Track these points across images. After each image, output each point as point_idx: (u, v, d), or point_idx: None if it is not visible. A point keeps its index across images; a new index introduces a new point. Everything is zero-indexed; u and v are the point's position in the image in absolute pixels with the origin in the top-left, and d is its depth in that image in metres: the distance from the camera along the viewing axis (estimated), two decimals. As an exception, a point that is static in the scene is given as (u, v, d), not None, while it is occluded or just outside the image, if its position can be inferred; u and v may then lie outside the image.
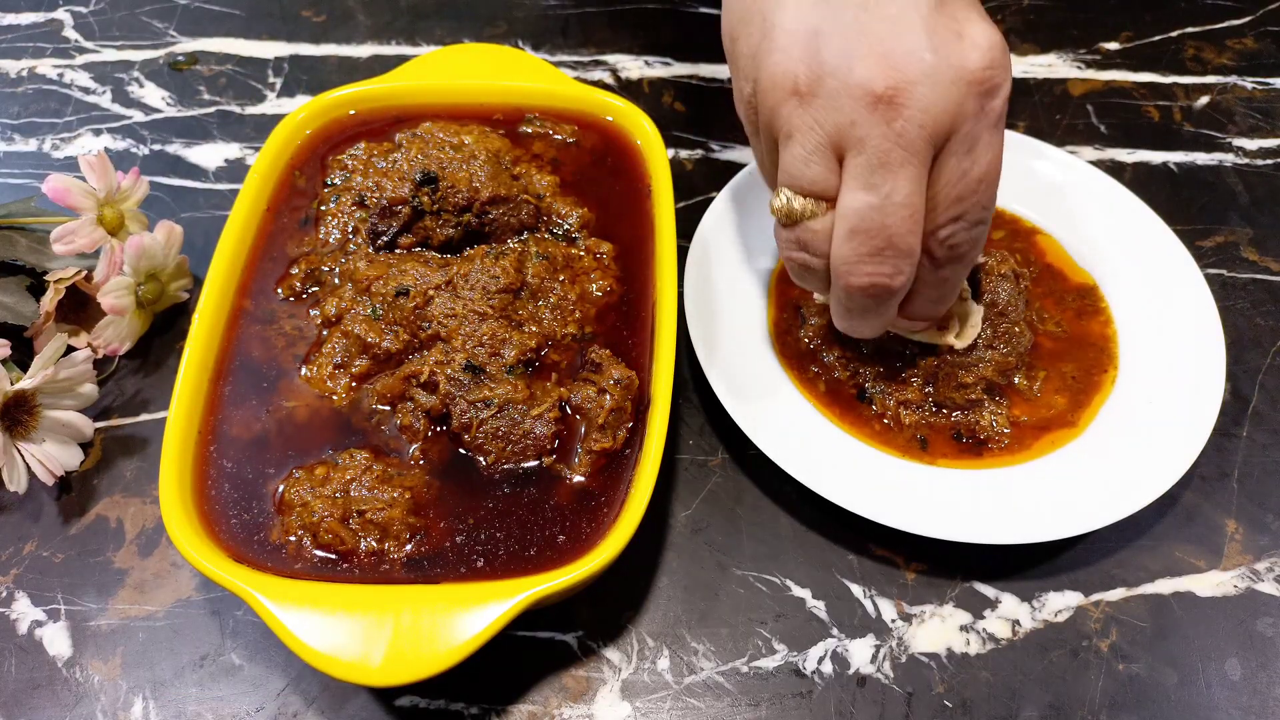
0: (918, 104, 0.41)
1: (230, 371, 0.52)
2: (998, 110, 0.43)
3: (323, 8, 0.81)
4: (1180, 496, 0.54)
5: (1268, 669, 0.49)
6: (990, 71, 0.42)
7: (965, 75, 0.42)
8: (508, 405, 0.49)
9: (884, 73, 0.42)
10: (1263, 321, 0.62)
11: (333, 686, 0.48)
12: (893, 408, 0.54)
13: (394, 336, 0.52)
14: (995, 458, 0.53)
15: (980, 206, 0.44)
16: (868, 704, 0.48)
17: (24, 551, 0.53)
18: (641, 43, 0.78)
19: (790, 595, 0.51)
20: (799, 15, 0.44)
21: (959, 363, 0.53)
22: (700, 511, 0.54)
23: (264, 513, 0.48)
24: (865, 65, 0.42)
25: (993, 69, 0.42)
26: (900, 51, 0.42)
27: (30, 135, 0.72)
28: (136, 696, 0.48)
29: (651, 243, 0.56)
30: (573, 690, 0.48)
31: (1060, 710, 0.48)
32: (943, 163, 0.43)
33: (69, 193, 0.56)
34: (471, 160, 0.56)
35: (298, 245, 0.57)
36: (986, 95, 0.42)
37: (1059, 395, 0.55)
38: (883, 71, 0.42)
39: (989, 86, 0.42)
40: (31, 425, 0.52)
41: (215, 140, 0.72)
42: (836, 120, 0.43)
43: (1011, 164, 0.64)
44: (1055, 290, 0.60)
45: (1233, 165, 0.70)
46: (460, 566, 0.46)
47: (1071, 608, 0.51)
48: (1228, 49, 0.78)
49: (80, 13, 0.81)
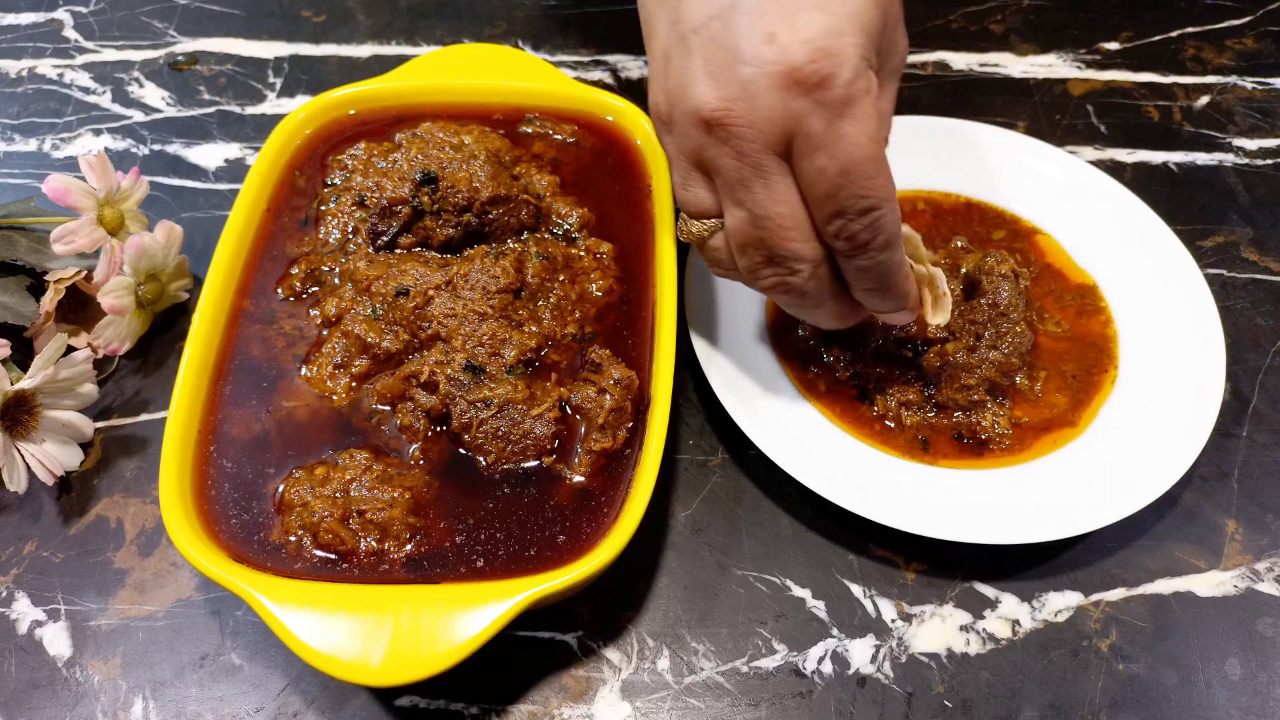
0: (742, 120, 0.41)
1: (230, 371, 0.52)
2: (838, 98, 0.40)
3: (323, 8, 0.81)
4: (1180, 496, 0.54)
5: (1268, 669, 0.49)
6: (813, 65, 0.40)
7: (784, 77, 0.40)
8: (508, 405, 0.49)
9: (711, 93, 0.42)
10: (1263, 321, 0.62)
11: (333, 686, 0.48)
12: (894, 408, 0.54)
13: (394, 336, 0.52)
14: (995, 458, 0.53)
15: (856, 196, 0.42)
16: (868, 704, 0.48)
17: (24, 551, 0.53)
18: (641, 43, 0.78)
19: (790, 595, 0.51)
20: (660, 40, 0.45)
21: (961, 364, 0.53)
22: (700, 511, 0.54)
23: (264, 513, 0.48)
24: (696, 89, 0.42)
25: (816, 61, 0.40)
26: (719, 68, 0.42)
27: (30, 135, 0.72)
28: (136, 696, 0.48)
29: (651, 243, 0.56)
30: (573, 690, 0.48)
31: (1060, 710, 0.48)
32: (798, 166, 0.42)
33: (69, 193, 0.56)
34: (471, 160, 0.56)
35: (298, 245, 0.57)
36: (816, 89, 0.40)
37: (1060, 395, 0.55)
38: (710, 92, 0.42)
39: (815, 80, 0.40)
40: (31, 425, 0.52)
41: (215, 140, 0.72)
42: (689, 146, 0.44)
43: (1012, 164, 0.64)
44: (1055, 290, 0.60)
45: (1233, 165, 0.70)
46: (460, 566, 0.46)
47: (1071, 608, 0.51)
48: (1228, 49, 0.78)
49: (80, 13, 0.81)
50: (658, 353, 0.50)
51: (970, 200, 0.64)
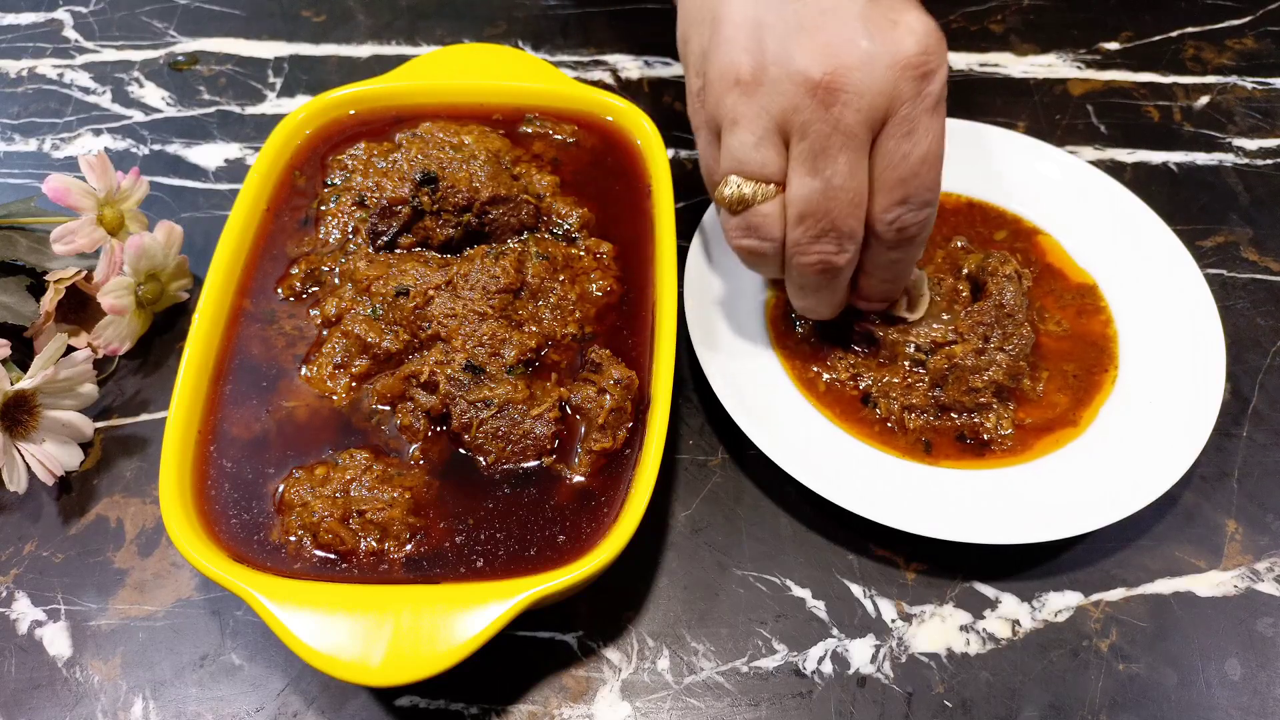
0: (854, 89, 0.43)
1: (230, 371, 0.52)
2: (935, 94, 0.44)
3: (323, 8, 0.81)
4: (1180, 496, 0.54)
5: (1268, 669, 0.49)
6: (925, 56, 0.44)
7: (900, 60, 0.43)
8: (508, 405, 0.49)
9: (822, 60, 0.43)
10: (1263, 321, 0.62)
11: (333, 686, 0.48)
12: (897, 412, 0.54)
13: (394, 336, 0.52)
14: (996, 458, 0.53)
15: (925, 188, 0.45)
16: (868, 704, 0.48)
17: (24, 551, 0.53)
18: (641, 43, 0.78)
19: (790, 595, 0.51)
20: (743, 10, 0.46)
21: (970, 366, 0.53)
22: (700, 511, 0.54)
23: (264, 513, 0.48)
24: (805, 53, 0.44)
25: (927, 54, 0.44)
26: (838, 40, 0.44)
27: (30, 135, 0.72)
28: (136, 696, 0.48)
29: (651, 243, 0.56)
30: (573, 690, 0.48)
31: (1060, 710, 0.48)
32: (882, 145, 0.45)
33: (69, 193, 0.56)
34: (471, 160, 0.56)
35: (298, 245, 0.57)
36: (922, 79, 0.44)
37: (1061, 394, 0.55)
38: (821, 59, 0.43)
39: (924, 71, 0.44)
40: (31, 425, 0.52)
41: (215, 140, 0.72)
42: (781, 106, 0.45)
43: (1012, 164, 0.64)
44: (1055, 289, 0.60)
45: (1233, 165, 0.70)
46: (460, 566, 0.46)
47: (1071, 608, 0.51)
48: (1228, 49, 0.78)
49: (80, 13, 0.81)
50: (658, 353, 0.50)
51: (972, 200, 0.64)
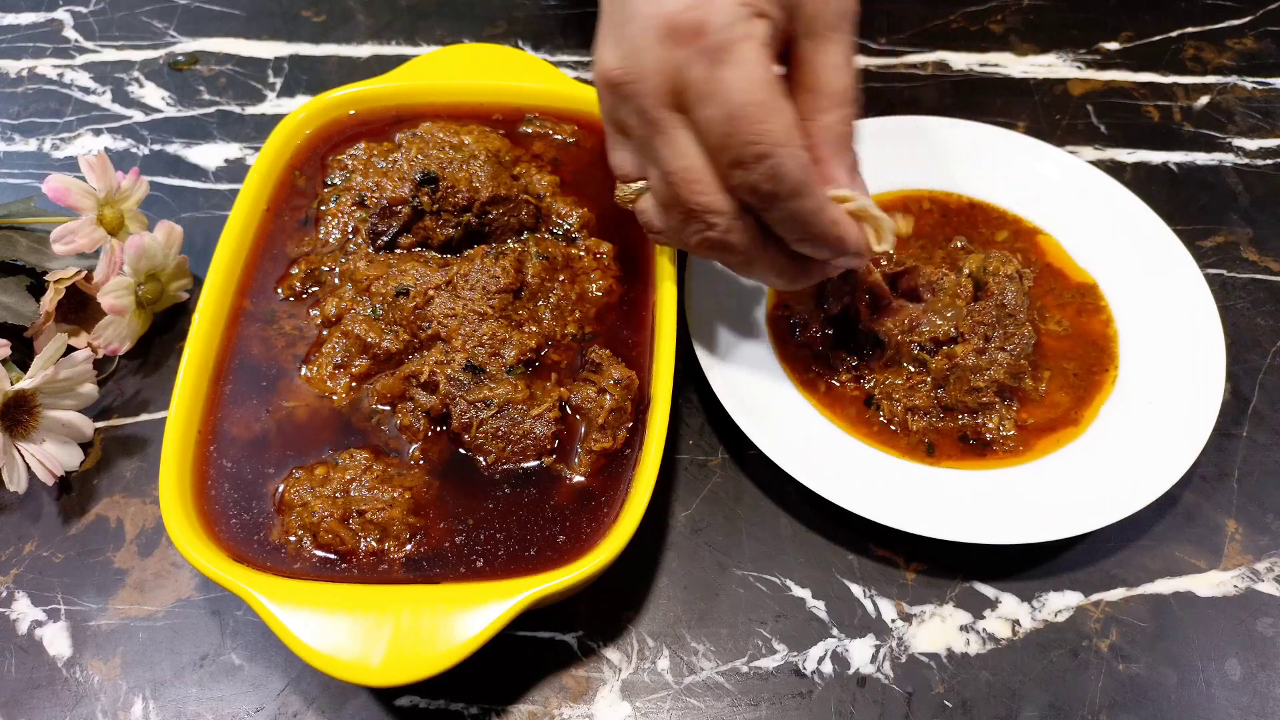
0: (633, 77, 0.43)
1: (230, 371, 0.52)
2: (715, 44, 0.41)
3: (323, 8, 0.81)
4: (1180, 496, 0.54)
5: (1268, 669, 0.49)
6: (688, 14, 0.41)
7: (661, 29, 0.41)
8: (508, 405, 0.49)
9: (610, 56, 0.44)
10: (1263, 321, 0.62)
11: (333, 686, 0.48)
12: (900, 414, 0.54)
13: (394, 336, 0.52)
14: (998, 459, 0.53)
15: (745, 142, 0.41)
16: (868, 704, 0.48)
17: (24, 551, 0.53)
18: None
19: (790, 595, 0.51)
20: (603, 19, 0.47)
21: (971, 366, 0.53)
22: (700, 511, 0.54)
23: (264, 513, 0.48)
24: (602, 52, 0.45)
25: (690, 10, 0.41)
26: (616, 30, 0.44)
27: (30, 135, 0.72)
28: (136, 696, 0.48)
29: (651, 243, 0.56)
30: (573, 690, 0.48)
31: (1060, 710, 0.48)
32: (692, 119, 0.43)
33: (69, 193, 0.56)
34: (471, 160, 0.56)
35: (298, 245, 0.57)
36: (693, 37, 0.41)
37: (1062, 393, 0.55)
38: (610, 55, 0.44)
39: (691, 28, 0.41)
40: (31, 425, 0.52)
41: (215, 140, 0.72)
42: (607, 108, 0.46)
43: (1012, 164, 0.64)
44: (1055, 289, 0.60)
45: (1233, 165, 0.70)
46: (460, 566, 0.46)
47: (1071, 608, 0.51)
48: (1228, 49, 0.78)
49: (80, 13, 0.81)
50: (658, 353, 0.50)
51: (973, 200, 0.64)
